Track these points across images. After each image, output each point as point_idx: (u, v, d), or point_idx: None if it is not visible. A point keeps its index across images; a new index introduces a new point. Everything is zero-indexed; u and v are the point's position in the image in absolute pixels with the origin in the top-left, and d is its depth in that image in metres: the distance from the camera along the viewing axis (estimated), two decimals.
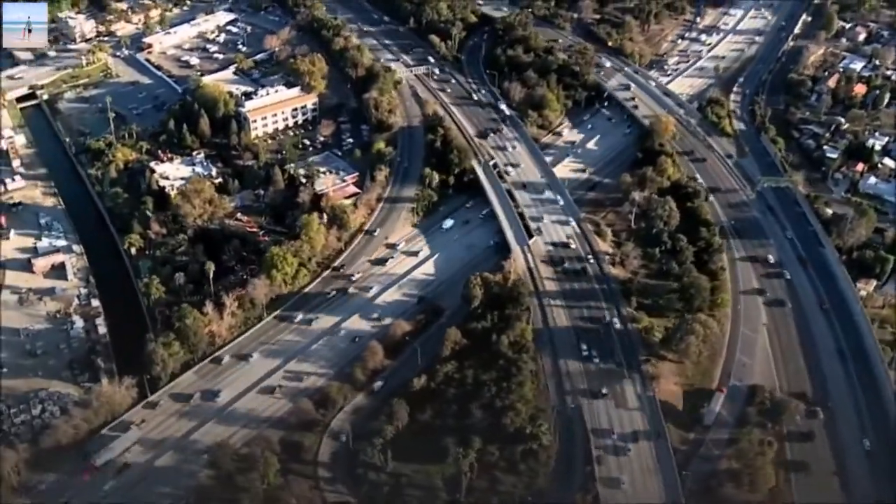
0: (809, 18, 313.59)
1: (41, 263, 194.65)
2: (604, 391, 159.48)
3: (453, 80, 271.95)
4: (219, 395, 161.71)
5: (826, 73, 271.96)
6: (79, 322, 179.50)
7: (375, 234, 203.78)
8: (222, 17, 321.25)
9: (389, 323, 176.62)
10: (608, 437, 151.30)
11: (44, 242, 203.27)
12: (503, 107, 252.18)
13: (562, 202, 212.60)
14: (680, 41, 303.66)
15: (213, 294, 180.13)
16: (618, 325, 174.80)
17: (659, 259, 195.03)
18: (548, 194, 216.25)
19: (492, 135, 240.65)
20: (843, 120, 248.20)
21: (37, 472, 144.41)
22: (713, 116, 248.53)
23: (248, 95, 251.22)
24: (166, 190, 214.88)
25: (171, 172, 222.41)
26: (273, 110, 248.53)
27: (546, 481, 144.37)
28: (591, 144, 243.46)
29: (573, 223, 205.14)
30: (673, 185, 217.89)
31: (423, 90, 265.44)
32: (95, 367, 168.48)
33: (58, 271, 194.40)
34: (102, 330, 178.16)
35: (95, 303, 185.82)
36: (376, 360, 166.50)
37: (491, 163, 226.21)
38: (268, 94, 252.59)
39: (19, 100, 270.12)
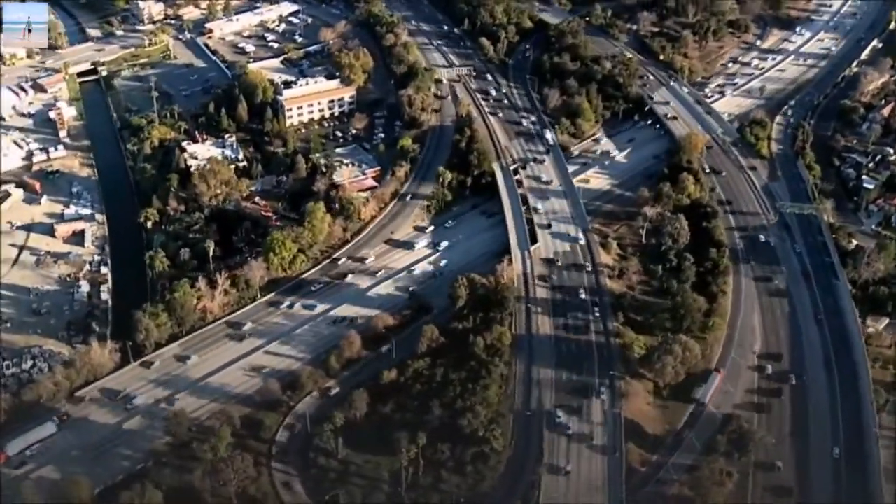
0: (881, 45, 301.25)
1: (63, 229, 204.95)
2: (571, 403, 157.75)
3: (493, 83, 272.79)
4: (196, 367, 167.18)
5: (882, 102, 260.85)
6: (85, 287, 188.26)
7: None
8: (285, 7, 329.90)
9: (373, 315, 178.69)
10: (564, 446, 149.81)
11: (71, 210, 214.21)
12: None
13: (573, 211, 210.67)
14: (736, 60, 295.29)
15: (211, 271, 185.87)
16: (601, 339, 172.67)
17: (660, 276, 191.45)
18: (562, 202, 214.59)
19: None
20: (891, 151, 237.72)
21: None
22: (751, 137, 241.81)
23: (287, 84, 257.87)
24: (192, 169, 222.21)
25: (201, 153, 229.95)
26: (309, 100, 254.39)
27: (492, 485, 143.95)
28: (621, 157, 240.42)
29: (580, 233, 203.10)
30: (693, 203, 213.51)
31: (463, 91, 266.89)
32: (90, 330, 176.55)
33: (77, 237, 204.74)
34: (105, 296, 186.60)
35: (105, 270, 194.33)
36: (353, 349, 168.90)
37: (513, 167, 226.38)
38: (307, 84, 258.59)
39: (81, 74, 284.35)
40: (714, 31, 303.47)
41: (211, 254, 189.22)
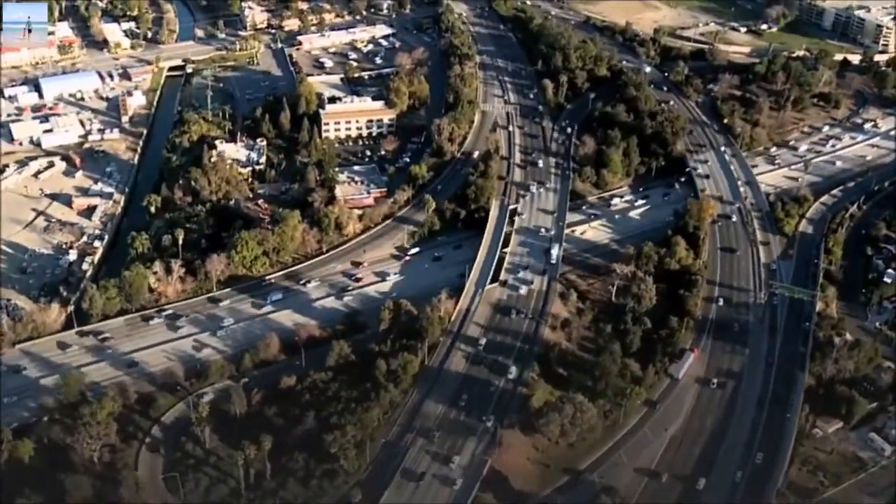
0: None
1: (79, 202, 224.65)
2: (443, 443, 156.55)
3: (538, 124, 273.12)
4: (128, 342, 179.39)
5: None
6: (72, 255, 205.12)
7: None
8: (380, 30, 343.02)
9: (303, 324, 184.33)
10: (416, 480, 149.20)
11: (96, 186, 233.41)
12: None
13: (551, 259, 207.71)
14: (811, 134, 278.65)
15: (180, 259, 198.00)
16: (510, 386, 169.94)
17: (605, 334, 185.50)
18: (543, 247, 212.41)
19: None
20: None
21: None
22: (780, 213, 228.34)
23: (332, 100, 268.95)
24: None
25: (229, 152, 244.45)
26: (348, 117, 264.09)
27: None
28: (635, 213, 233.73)
29: (544, 280, 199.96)
30: (681, 269, 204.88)
31: (504, 129, 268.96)
32: (58, 294, 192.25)
33: (90, 212, 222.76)
34: (86, 266, 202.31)
35: (98, 244, 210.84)
36: (269, 352, 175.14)
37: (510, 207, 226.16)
38: (352, 101, 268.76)
39: (173, 69, 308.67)
40: (794, 101, 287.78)
41: (180, 242, 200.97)
